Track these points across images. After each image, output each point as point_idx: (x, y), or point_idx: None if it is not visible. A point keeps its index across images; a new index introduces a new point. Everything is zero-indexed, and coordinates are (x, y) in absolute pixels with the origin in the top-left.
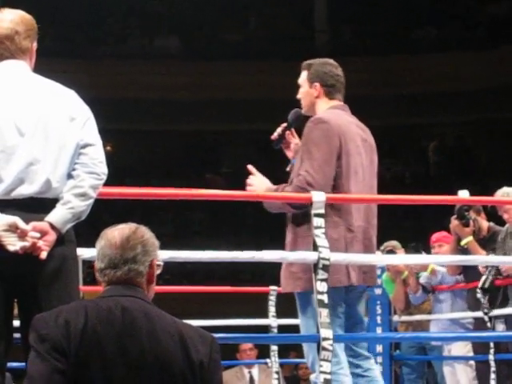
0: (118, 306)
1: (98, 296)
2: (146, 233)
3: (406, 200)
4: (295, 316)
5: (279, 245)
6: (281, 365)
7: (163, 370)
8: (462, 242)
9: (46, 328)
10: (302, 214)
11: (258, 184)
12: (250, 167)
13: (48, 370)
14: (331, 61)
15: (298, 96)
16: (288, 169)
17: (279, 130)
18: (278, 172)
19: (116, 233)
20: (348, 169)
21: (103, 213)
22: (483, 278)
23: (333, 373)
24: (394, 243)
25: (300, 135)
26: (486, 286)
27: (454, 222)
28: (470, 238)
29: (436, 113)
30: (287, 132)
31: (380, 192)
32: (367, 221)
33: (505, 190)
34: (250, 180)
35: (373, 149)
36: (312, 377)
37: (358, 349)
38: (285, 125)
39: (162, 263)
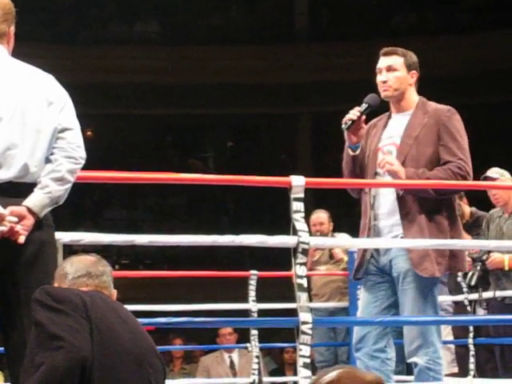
0: (108, 297)
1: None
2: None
3: (392, 185)
4: (275, 300)
5: (259, 229)
6: (265, 349)
7: (153, 358)
8: None
9: (61, 292)
10: (438, 202)
11: (396, 163)
12: (387, 153)
13: (76, 325)
14: None
15: (388, 78)
16: (352, 153)
17: (355, 112)
18: (255, 156)
19: (84, 257)
20: None
21: (83, 197)
22: (469, 274)
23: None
24: None
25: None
26: (473, 283)
27: None
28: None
29: None
30: (362, 117)
31: None
32: None
33: (497, 169)
34: (390, 158)
35: None
36: (414, 360)
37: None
38: (359, 108)
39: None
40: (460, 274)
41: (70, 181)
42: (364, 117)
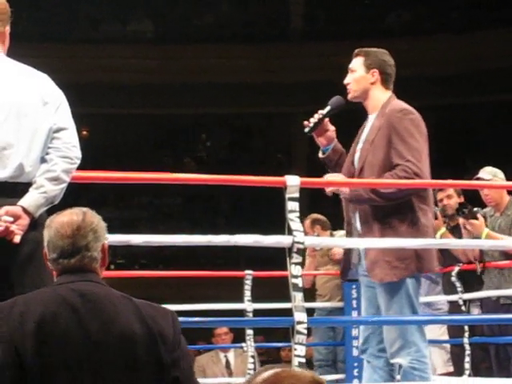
0: (75, 290)
1: (54, 284)
2: (94, 218)
3: (386, 184)
4: (270, 300)
5: (254, 229)
6: (261, 348)
7: (125, 346)
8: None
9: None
10: (394, 206)
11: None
12: (329, 191)
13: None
14: (386, 51)
15: (348, 80)
16: (321, 155)
17: (317, 116)
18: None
19: (65, 221)
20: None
21: (79, 197)
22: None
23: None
24: None
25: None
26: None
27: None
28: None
29: (410, 97)
30: (325, 119)
31: None
32: None
33: (490, 169)
34: (330, 177)
35: None
36: (398, 361)
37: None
38: (322, 111)
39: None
40: (454, 273)
41: (65, 180)
42: (327, 119)
